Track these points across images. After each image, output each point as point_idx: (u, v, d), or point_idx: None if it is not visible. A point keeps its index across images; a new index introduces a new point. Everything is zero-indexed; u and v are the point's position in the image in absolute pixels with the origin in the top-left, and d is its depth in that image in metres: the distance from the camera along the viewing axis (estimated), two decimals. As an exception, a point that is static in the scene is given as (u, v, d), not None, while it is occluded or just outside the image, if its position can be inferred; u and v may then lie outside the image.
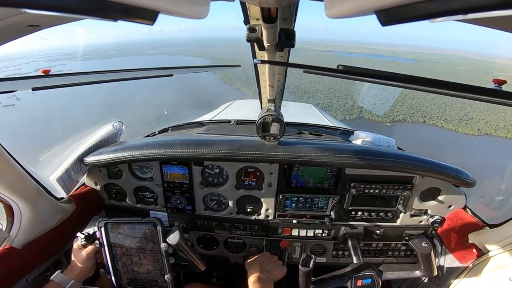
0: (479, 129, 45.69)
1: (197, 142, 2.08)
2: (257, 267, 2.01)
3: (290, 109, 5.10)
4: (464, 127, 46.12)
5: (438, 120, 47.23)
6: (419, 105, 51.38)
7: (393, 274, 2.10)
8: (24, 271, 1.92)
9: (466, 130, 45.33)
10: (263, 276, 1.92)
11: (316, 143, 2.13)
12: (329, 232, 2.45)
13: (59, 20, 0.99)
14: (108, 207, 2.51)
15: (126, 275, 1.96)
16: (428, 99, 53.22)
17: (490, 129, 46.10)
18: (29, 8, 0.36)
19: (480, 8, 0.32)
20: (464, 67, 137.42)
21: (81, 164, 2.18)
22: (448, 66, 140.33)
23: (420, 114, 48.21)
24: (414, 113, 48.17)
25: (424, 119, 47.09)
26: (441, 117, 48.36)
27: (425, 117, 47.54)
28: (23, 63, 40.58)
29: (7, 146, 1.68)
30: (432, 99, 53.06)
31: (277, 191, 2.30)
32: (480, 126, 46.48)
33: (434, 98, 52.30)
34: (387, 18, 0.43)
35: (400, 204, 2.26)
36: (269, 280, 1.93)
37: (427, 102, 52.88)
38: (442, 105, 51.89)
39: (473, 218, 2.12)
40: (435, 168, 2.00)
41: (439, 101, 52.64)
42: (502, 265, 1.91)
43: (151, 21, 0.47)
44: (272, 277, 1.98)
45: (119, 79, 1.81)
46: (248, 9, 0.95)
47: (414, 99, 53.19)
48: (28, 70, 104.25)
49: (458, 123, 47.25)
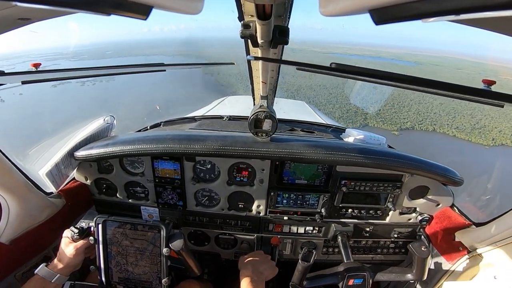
0: (494, 138, 42.81)
1: (189, 137, 2.07)
2: (250, 268, 2.02)
3: (283, 105, 5.12)
4: (477, 137, 42.50)
5: (449, 129, 43.51)
6: (426, 111, 47.60)
7: (384, 276, 2.12)
8: (12, 267, 1.89)
9: (480, 140, 41.76)
10: (255, 277, 1.93)
11: (308, 140, 2.14)
12: (320, 229, 2.47)
13: (51, 13, 0.97)
14: (98, 202, 2.48)
15: (118, 274, 1.94)
16: (436, 104, 49.36)
17: (505, 138, 42.63)
18: (20, 1, 0.36)
19: (472, 9, 0.33)
20: (466, 70, 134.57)
21: (71, 158, 2.15)
22: (450, 69, 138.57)
23: (429, 122, 44.46)
24: (423, 121, 44.39)
25: (434, 127, 43.30)
26: (451, 125, 44.56)
27: (434, 124, 43.85)
28: (18, 62, 39.64)
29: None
30: (440, 104, 49.15)
31: (268, 187, 2.31)
32: (494, 135, 43.38)
33: (442, 103, 48.66)
34: (380, 17, 0.43)
35: (389, 202, 2.29)
36: (260, 280, 1.94)
37: (435, 107, 49.06)
38: (451, 111, 48.06)
39: (460, 217, 2.16)
40: (424, 166, 2.03)
41: (447, 106, 48.93)
42: (487, 263, 1.95)
43: (145, 15, 0.47)
44: (264, 278, 1.99)
45: (112, 73, 1.79)
46: (242, 6, 0.95)
47: (421, 104, 49.42)
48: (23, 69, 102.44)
49: (471, 131, 43.46)
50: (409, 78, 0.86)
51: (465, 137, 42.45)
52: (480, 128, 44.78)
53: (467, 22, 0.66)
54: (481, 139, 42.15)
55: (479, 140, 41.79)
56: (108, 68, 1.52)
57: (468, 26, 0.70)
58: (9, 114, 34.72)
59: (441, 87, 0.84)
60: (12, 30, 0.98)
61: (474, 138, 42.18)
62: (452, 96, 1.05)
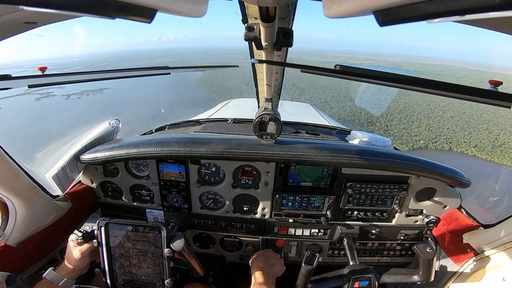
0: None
1: (193, 140, 2.08)
2: (261, 259, 2.05)
3: (287, 108, 5.11)
4: (500, 156, 37.94)
5: (467, 147, 37.57)
6: (438, 126, 41.40)
7: (390, 278, 2.10)
8: (19, 269, 1.91)
9: (504, 161, 37.29)
10: (267, 268, 1.95)
11: (313, 143, 2.13)
12: (325, 231, 2.46)
13: (57, 17, 0.98)
14: (104, 205, 2.50)
15: (122, 276, 1.95)
16: (446, 117, 43.33)
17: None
18: (26, 5, 0.36)
19: (477, 9, 0.32)
20: (469, 79, 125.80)
21: (77, 161, 2.17)
22: (452, 78, 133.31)
23: (444, 139, 38.60)
24: (437, 138, 38.57)
25: (449, 145, 37.55)
26: (469, 142, 38.43)
27: (450, 143, 37.97)
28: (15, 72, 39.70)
29: (2, 143, 1.67)
30: (450, 117, 43.05)
31: (273, 190, 2.30)
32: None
33: (453, 116, 42.90)
34: (385, 19, 0.43)
35: (395, 204, 2.27)
36: (271, 273, 1.96)
37: (446, 121, 42.72)
38: (465, 126, 41.68)
39: (468, 219, 2.14)
40: (431, 168, 2.01)
41: (459, 120, 42.76)
42: (496, 265, 1.93)
43: (149, 19, 0.47)
44: (275, 271, 2.01)
45: (117, 77, 1.80)
46: (246, 8, 0.95)
47: (430, 118, 43.25)
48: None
49: (492, 150, 38.55)
50: (414, 80, 0.85)
51: (487, 156, 37.45)
52: (500, 145, 39.45)
53: (472, 23, 0.66)
54: (505, 159, 37.35)
55: (503, 161, 37.08)
56: (114, 72, 1.53)
57: (470, 32, 0.70)
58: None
59: (447, 88, 0.83)
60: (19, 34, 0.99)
61: (496, 158, 37.46)
62: (459, 97, 1.03)
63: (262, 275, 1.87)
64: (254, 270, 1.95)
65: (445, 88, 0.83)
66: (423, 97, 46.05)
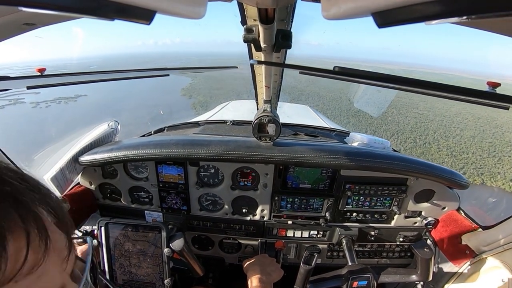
0: None
1: (192, 142, 2.08)
2: (258, 268, 2.01)
3: (286, 110, 5.12)
4: None
5: (504, 181, 26.85)
6: (461, 150, 30.75)
7: (388, 278, 2.11)
8: None
9: None
10: (264, 278, 1.93)
11: (312, 144, 2.14)
12: (324, 233, 2.46)
13: (56, 18, 0.98)
14: (102, 207, 2.49)
15: (122, 276, 1.95)
16: (466, 137, 33.19)
17: None
18: (25, 6, 0.36)
19: (477, 11, 0.32)
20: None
21: (75, 163, 2.16)
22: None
23: (474, 169, 27.72)
24: (465, 168, 27.61)
25: (481, 177, 26.85)
26: (503, 173, 27.65)
27: (481, 174, 27.32)
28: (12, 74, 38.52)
29: (0, 145, 1.66)
30: (471, 137, 33.17)
31: (272, 192, 2.30)
32: None
33: (474, 136, 33.49)
34: (383, 20, 0.43)
35: (394, 206, 2.27)
36: (269, 282, 1.93)
37: (467, 142, 31.95)
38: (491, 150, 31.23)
39: (467, 220, 2.14)
40: (429, 170, 2.02)
41: (482, 141, 32.62)
42: (495, 266, 1.93)
43: (148, 20, 0.47)
44: (272, 279, 1.98)
45: (116, 78, 1.80)
46: (245, 10, 0.95)
47: (449, 138, 32.93)
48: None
49: None
50: (413, 81, 0.85)
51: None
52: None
53: (470, 24, 0.66)
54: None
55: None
56: (112, 73, 1.53)
57: (470, 36, 0.69)
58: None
59: (446, 90, 0.84)
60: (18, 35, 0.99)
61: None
62: (457, 98, 1.04)
63: (260, 286, 1.85)
64: (251, 279, 1.93)
65: (444, 89, 0.83)
66: (433, 110, 43.94)
